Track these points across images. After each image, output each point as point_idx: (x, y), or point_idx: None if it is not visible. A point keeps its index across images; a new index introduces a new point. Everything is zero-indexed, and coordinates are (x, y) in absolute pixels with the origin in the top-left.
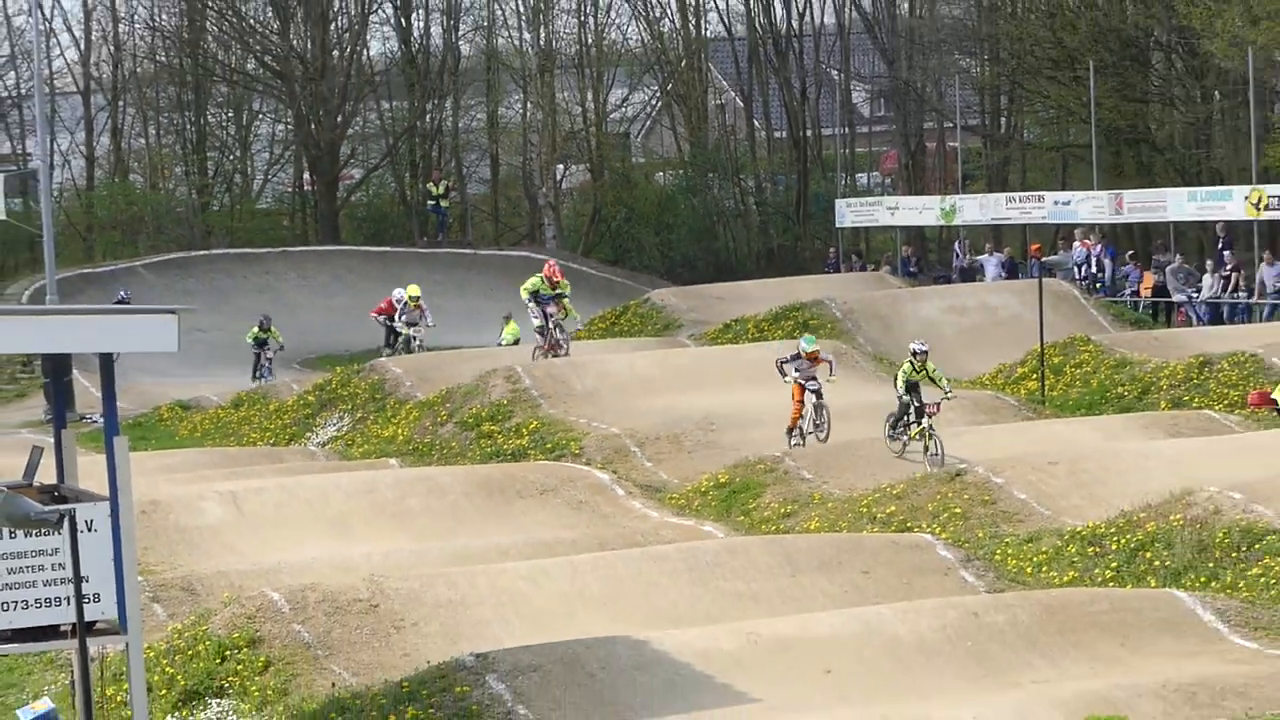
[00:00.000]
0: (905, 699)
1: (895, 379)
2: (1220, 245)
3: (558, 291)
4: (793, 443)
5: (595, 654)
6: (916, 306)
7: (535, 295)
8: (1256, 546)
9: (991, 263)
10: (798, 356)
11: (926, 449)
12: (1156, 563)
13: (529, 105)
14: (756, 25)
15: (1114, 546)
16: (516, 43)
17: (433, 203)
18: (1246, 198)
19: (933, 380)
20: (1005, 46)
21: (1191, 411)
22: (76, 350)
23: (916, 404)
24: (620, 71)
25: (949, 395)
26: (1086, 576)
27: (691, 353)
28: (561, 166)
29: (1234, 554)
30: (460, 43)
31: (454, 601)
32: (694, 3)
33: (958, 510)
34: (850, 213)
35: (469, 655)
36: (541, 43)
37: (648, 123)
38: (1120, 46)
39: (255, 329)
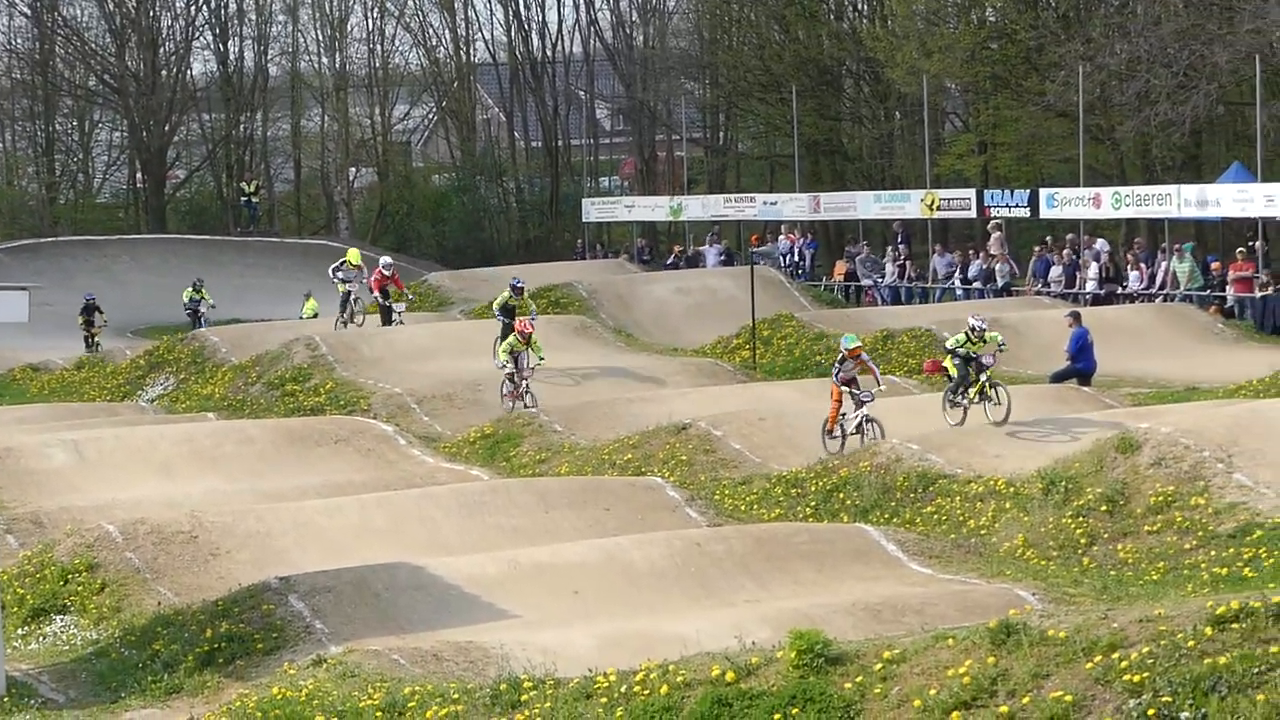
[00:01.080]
0: (640, 615)
1: (945, 346)
2: (900, 239)
3: (530, 345)
4: (831, 446)
5: (380, 577)
6: (650, 288)
7: (512, 353)
8: (930, 489)
9: (711, 252)
10: (843, 360)
11: (990, 399)
12: (848, 502)
13: (326, 118)
14: (516, 53)
15: (813, 489)
16: (316, 66)
17: (245, 199)
18: (922, 200)
19: (988, 342)
20: (723, 73)
21: (886, 376)
22: None
23: (975, 364)
24: (403, 91)
25: (1003, 347)
26: (790, 513)
27: (462, 325)
28: (353, 169)
29: (912, 495)
30: (269, 65)
31: (261, 533)
32: (464, 33)
33: (684, 458)
34: (594, 210)
35: (274, 578)
36: (337, 66)
37: (426, 133)
38: (818, 73)
39: (189, 290)
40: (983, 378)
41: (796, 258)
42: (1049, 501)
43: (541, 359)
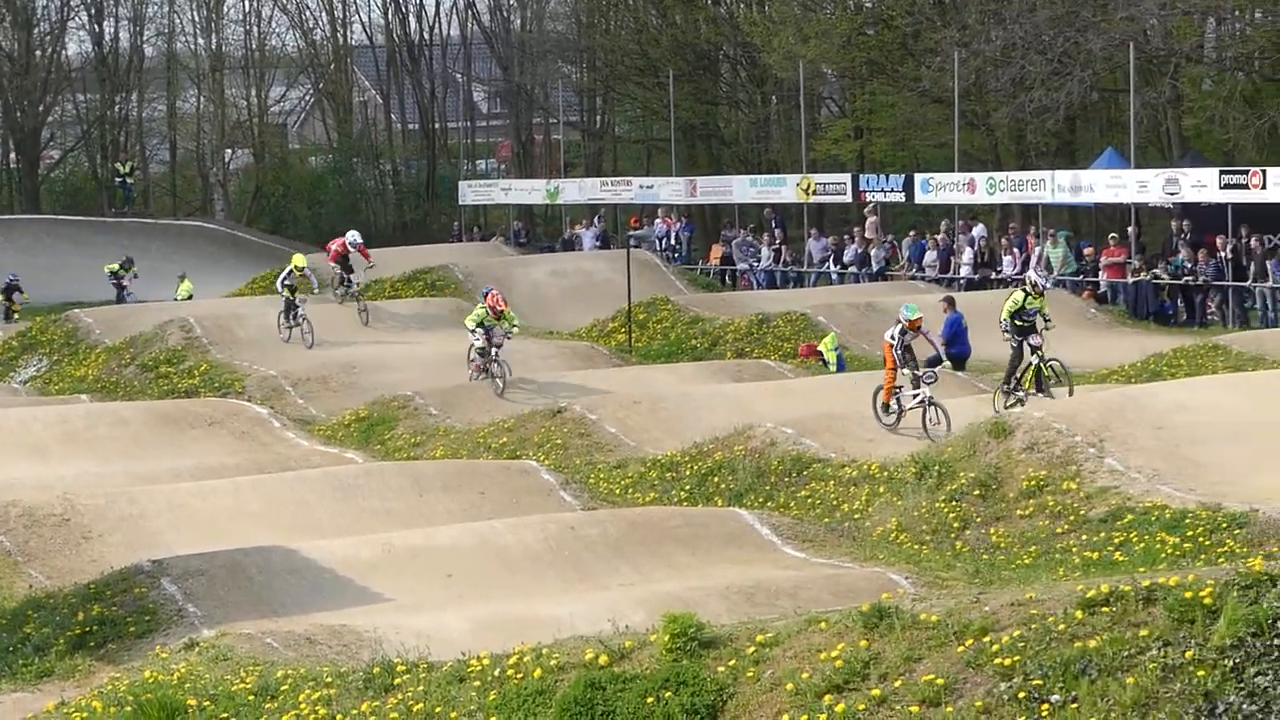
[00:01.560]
0: (514, 598)
1: (1001, 319)
2: (775, 224)
3: (502, 318)
4: (886, 420)
5: (254, 560)
6: (526, 271)
7: (481, 325)
8: (804, 473)
9: (588, 235)
10: (904, 331)
11: (1048, 378)
12: (723, 486)
13: (202, 99)
14: (394, 35)
15: (688, 472)
16: (192, 47)
17: (120, 180)
18: (798, 184)
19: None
20: (600, 57)
21: (752, 360)
22: None
23: (1031, 344)
24: (279, 73)
25: (1049, 325)
26: (665, 497)
27: (338, 308)
28: (229, 151)
29: (786, 479)
30: (145, 46)
31: (134, 515)
32: (341, 15)
33: (558, 441)
34: (471, 193)
35: (147, 561)
36: (213, 47)
37: (302, 115)
38: (695, 58)
39: (115, 265)
40: (1035, 359)
41: (673, 241)
42: (922, 486)
43: (515, 327)
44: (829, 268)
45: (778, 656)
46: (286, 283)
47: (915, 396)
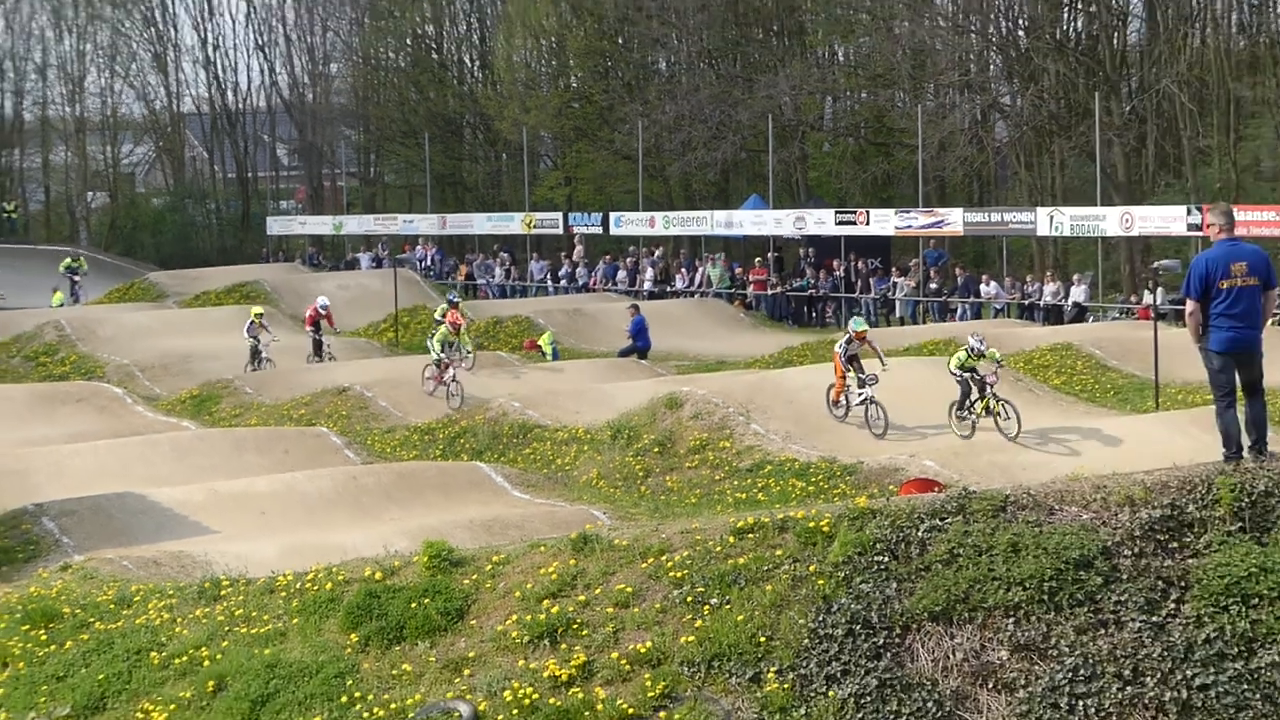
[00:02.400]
0: (311, 531)
1: (949, 364)
2: (505, 249)
3: (460, 333)
4: (836, 413)
5: (113, 503)
6: (318, 284)
7: (445, 344)
8: (528, 435)
9: (365, 258)
10: (850, 340)
11: (997, 415)
12: (467, 446)
13: (69, 153)
14: (215, 105)
15: (441, 436)
16: (61, 113)
17: (5, 215)
18: (523, 220)
19: (986, 358)
20: (373, 123)
21: (489, 352)
22: None
23: (977, 380)
24: (128, 133)
25: (1001, 363)
26: (424, 454)
27: (175, 312)
28: (91, 193)
29: (515, 440)
30: (24, 112)
31: (20, 471)
32: (175, 89)
33: (344, 413)
34: (276, 225)
35: (30, 505)
36: (77, 114)
37: (147, 167)
38: (445, 124)
39: (67, 259)
40: (987, 394)
41: (429, 263)
42: (616, 445)
43: (470, 351)
44: (547, 283)
45: (509, 572)
46: (250, 334)
47: (860, 396)
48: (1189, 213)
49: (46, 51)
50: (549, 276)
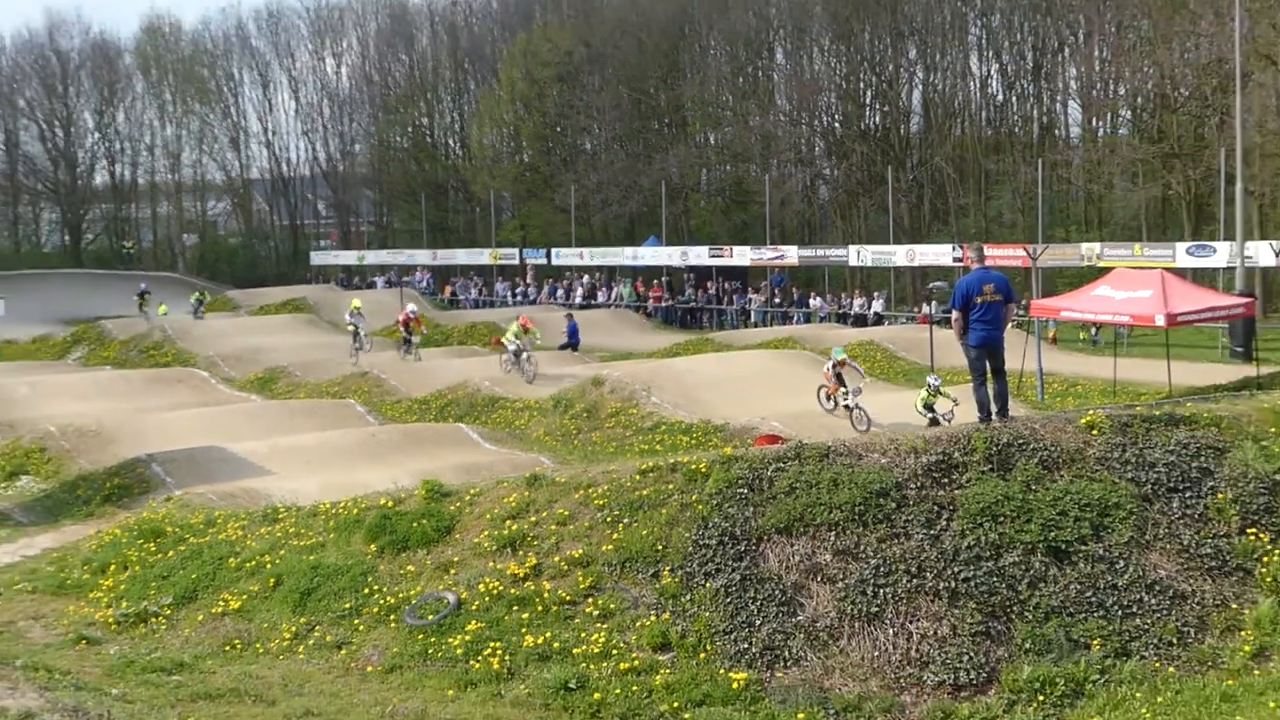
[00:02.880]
0: (343, 472)
1: (916, 404)
2: (478, 275)
3: (528, 332)
4: (826, 407)
5: (202, 454)
6: (348, 299)
7: (517, 337)
8: (496, 405)
9: (380, 280)
10: (835, 365)
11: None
12: (453, 412)
13: (170, 207)
14: (273, 173)
15: (434, 406)
16: (165, 180)
17: (125, 250)
18: (491, 254)
19: (943, 396)
20: (386, 185)
21: (467, 347)
22: None
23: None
24: (212, 194)
25: (956, 401)
26: (422, 418)
27: (247, 320)
28: (185, 235)
29: (487, 409)
30: (138, 178)
31: (136, 430)
32: (244, 160)
33: (366, 390)
34: (317, 257)
35: (143, 454)
36: (176, 179)
37: (226, 216)
38: (435, 186)
39: (196, 293)
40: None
41: (425, 284)
42: (557, 412)
43: (536, 338)
44: (508, 298)
45: (482, 500)
46: (349, 319)
47: (847, 401)
48: (953, 249)
49: (154, 136)
50: (510, 294)
